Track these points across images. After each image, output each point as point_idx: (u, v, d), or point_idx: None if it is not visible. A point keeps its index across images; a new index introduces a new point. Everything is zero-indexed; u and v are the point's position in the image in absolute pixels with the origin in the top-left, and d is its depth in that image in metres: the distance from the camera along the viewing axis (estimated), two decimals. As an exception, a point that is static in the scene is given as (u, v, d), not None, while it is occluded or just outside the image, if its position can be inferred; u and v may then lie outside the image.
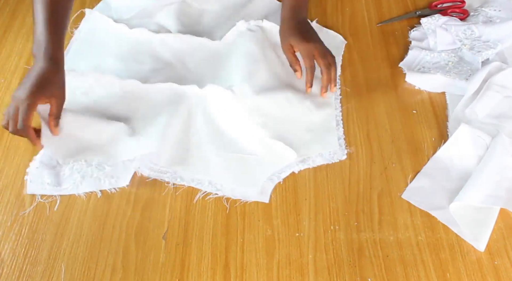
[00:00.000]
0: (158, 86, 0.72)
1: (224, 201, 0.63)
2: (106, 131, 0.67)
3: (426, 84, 0.75)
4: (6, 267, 0.57)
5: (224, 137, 0.68)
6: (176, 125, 0.68)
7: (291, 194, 0.63)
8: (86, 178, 0.63)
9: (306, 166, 0.65)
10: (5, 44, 0.81)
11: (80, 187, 0.63)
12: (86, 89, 0.71)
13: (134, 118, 0.70)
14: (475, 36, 0.77)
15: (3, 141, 0.68)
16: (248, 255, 0.58)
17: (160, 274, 0.56)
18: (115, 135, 0.67)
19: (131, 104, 0.71)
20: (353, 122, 0.71)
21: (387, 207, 0.62)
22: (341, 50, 0.80)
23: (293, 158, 0.65)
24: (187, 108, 0.71)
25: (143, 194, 0.63)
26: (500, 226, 0.60)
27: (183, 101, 0.71)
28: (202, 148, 0.67)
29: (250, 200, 0.62)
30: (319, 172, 0.65)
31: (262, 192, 0.63)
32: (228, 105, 0.69)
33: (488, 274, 0.56)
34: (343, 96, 0.74)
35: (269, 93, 0.71)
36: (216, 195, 0.63)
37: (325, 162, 0.66)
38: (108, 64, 0.77)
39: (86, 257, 0.58)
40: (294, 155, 0.65)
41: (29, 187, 0.63)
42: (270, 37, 0.79)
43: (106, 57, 0.79)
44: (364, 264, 0.57)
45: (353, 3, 0.88)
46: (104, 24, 0.83)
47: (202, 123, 0.70)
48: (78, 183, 0.63)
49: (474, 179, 0.61)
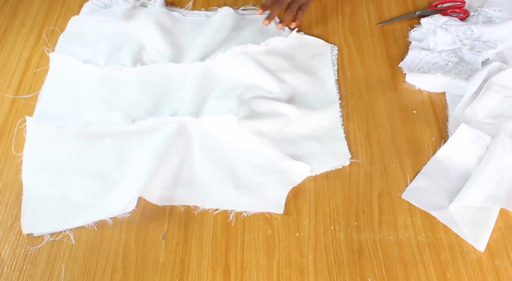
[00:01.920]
0: (148, 122, 0.68)
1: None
2: (93, 188, 0.63)
3: (426, 84, 0.75)
4: (6, 267, 0.57)
5: (231, 164, 0.65)
6: (173, 159, 0.64)
7: (291, 194, 0.63)
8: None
9: (308, 173, 0.64)
10: (5, 44, 0.81)
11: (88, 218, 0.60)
12: (69, 141, 0.67)
13: (127, 161, 0.65)
14: (475, 36, 0.77)
15: (3, 141, 0.68)
16: (248, 255, 0.58)
17: (160, 274, 0.56)
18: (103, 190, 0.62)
19: (123, 147, 0.67)
20: (353, 123, 0.71)
21: (387, 207, 0.62)
22: (327, 54, 0.79)
23: (307, 172, 0.63)
24: (183, 141, 0.66)
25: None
26: (500, 226, 0.60)
27: (177, 133, 0.66)
28: (209, 178, 0.64)
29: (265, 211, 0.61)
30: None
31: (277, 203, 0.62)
32: (230, 131, 0.66)
33: (488, 274, 0.56)
34: (343, 96, 0.74)
35: (271, 112, 0.69)
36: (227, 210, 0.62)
37: (328, 169, 0.65)
38: (86, 107, 0.71)
39: (86, 257, 0.58)
40: (308, 169, 0.63)
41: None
42: (259, 58, 0.76)
43: (82, 99, 0.72)
44: (364, 264, 0.57)
45: (353, 3, 0.88)
46: (73, 66, 0.75)
47: (204, 154, 0.66)
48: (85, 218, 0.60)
49: (474, 179, 0.61)
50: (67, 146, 0.67)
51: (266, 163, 0.65)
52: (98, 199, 0.62)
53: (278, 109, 0.70)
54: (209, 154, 0.66)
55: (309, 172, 0.64)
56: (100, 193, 0.62)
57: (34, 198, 0.62)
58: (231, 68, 0.75)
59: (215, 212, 0.61)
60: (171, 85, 0.74)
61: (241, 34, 0.83)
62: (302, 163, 0.64)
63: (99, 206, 0.61)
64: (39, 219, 0.60)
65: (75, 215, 0.60)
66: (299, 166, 0.64)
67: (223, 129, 0.67)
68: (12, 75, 0.76)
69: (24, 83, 0.75)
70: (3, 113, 0.71)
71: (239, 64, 0.75)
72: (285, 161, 0.65)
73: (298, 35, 0.81)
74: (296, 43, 0.81)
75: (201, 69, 0.75)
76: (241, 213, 0.61)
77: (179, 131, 0.67)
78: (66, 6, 0.87)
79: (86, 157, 0.66)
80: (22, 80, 0.75)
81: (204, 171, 0.65)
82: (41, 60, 0.78)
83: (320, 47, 0.81)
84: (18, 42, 0.81)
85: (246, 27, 0.84)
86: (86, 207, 0.61)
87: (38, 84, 0.75)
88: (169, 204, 0.62)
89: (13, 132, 0.69)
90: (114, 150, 0.66)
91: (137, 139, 0.67)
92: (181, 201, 0.62)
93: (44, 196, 0.62)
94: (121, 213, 0.60)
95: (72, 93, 0.73)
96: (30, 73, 0.76)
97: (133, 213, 0.61)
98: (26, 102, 0.72)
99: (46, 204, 0.61)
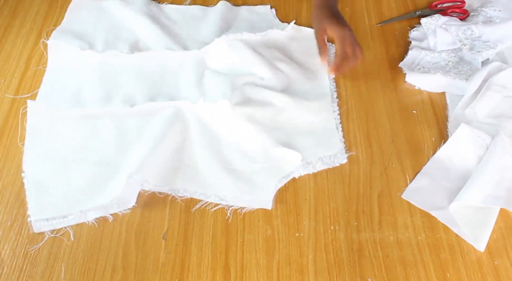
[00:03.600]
0: (147, 107, 0.70)
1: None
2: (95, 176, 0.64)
3: (426, 84, 0.75)
4: (6, 267, 0.57)
5: (224, 150, 0.67)
6: (171, 143, 0.66)
7: (291, 194, 0.63)
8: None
9: (307, 171, 0.65)
10: (5, 44, 0.81)
11: (88, 214, 0.60)
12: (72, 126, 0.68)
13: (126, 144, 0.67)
14: (475, 36, 0.77)
15: (3, 141, 0.68)
16: (248, 255, 0.58)
17: (160, 274, 0.56)
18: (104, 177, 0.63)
19: (122, 132, 0.68)
20: (353, 123, 0.71)
21: (387, 207, 0.62)
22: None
23: (298, 161, 0.64)
24: (180, 125, 0.68)
25: (143, 193, 0.63)
26: (500, 226, 0.60)
27: (175, 118, 0.68)
28: (202, 163, 0.65)
29: (254, 207, 0.62)
30: (319, 172, 0.65)
31: (265, 199, 0.62)
32: (224, 117, 0.67)
33: (488, 274, 0.56)
34: (343, 96, 0.74)
35: (264, 100, 0.70)
36: (219, 205, 0.62)
37: (326, 166, 0.65)
38: (86, 93, 0.73)
39: (86, 257, 0.58)
40: (299, 157, 0.64)
41: (35, 226, 0.60)
42: (255, 46, 0.77)
43: (82, 86, 0.73)
44: (364, 264, 0.57)
45: (353, 3, 0.88)
46: (70, 53, 0.77)
47: (199, 139, 0.67)
48: (85, 210, 0.61)
49: (474, 179, 0.61)
50: (68, 132, 0.68)
51: (258, 151, 0.66)
52: (101, 185, 0.63)
53: (271, 98, 0.71)
54: (204, 139, 0.67)
55: (300, 160, 0.64)
56: (103, 178, 0.63)
57: (38, 184, 0.63)
58: (225, 54, 0.76)
59: (213, 208, 0.62)
60: (168, 72, 0.76)
61: (237, 23, 0.84)
62: (294, 151, 0.64)
63: (101, 194, 0.62)
64: (44, 206, 0.61)
65: (80, 199, 0.61)
66: (291, 154, 0.64)
67: (217, 115, 0.68)
68: (12, 75, 0.76)
69: (24, 83, 0.75)
70: (3, 113, 0.71)
71: (233, 50, 0.76)
72: (276, 148, 0.65)
73: (295, 27, 0.82)
74: (293, 35, 0.82)
75: (198, 56, 0.77)
76: (238, 210, 0.61)
77: (176, 116, 0.68)
78: (66, 6, 0.87)
79: (87, 143, 0.67)
80: (22, 80, 0.75)
81: (198, 155, 0.66)
82: (41, 60, 0.78)
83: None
84: (18, 42, 0.81)
85: (243, 19, 0.85)
86: (91, 192, 0.62)
87: (38, 83, 0.74)
88: (163, 190, 0.63)
89: (13, 132, 0.69)
90: (114, 135, 0.68)
91: (136, 125, 0.69)
92: (173, 184, 0.63)
93: (48, 182, 0.63)
94: (121, 208, 0.61)
95: (70, 80, 0.75)
96: (30, 73, 0.76)
97: (133, 212, 0.61)
98: (26, 102, 0.72)
99: (51, 190, 0.62)
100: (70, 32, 0.81)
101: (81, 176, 0.64)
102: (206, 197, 0.63)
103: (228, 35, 0.77)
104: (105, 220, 0.61)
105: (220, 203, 0.62)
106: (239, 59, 0.75)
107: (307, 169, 0.65)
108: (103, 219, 0.61)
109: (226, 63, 0.76)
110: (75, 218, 0.60)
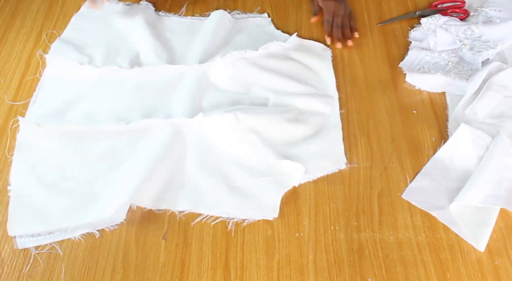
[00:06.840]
0: (142, 124, 0.67)
1: (224, 201, 0.63)
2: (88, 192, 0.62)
3: (426, 84, 0.75)
4: (6, 267, 0.57)
5: (224, 167, 0.65)
6: (169, 162, 0.64)
7: (291, 194, 0.63)
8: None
9: (307, 179, 0.64)
10: (5, 44, 0.81)
11: (75, 231, 0.59)
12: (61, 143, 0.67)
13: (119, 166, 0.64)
14: (475, 36, 0.77)
15: (3, 141, 0.68)
16: (248, 255, 0.58)
17: (160, 274, 0.56)
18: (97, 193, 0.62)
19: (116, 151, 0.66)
20: (353, 123, 0.71)
21: (387, 207, 0.62)
22: (328, 57, 0.79)
23: (302, 172, 0.63)
24: (177, 143, 0.66)
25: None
26: (500, 226, 0.60)
27: (172, 135, 0.66)
28: (203, 183, 0.63)
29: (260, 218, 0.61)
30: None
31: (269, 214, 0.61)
32: (226, 130, 0.66)
33: (488, 274, 0.56)
34: (343, 96, 0.74)
35: (265, 113, 0.69)
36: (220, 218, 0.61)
37: (323, 173, 0.65)
38: (79, 109, 0.71)
39: (86, 257, 0.58)
40: (302, 169, 0.62)
41: (19, 242, 0.58)
42: (258, 62, 0.76)
43: (75, 102, 0.72)
44: (364, 264, 0.57)
45: (353, 3, 0.88)
46: (68, 67, 0.75)
47: (198, 156, 0.65)
48: (72, 227, 0.59)
49: (474, 179, 0.61)
50: (59, 148, 0.66)
51: (261, 165, 0.65)
52: (84, 206, 0.61)
53: (275, 111, 0.70)
54: (203, 157, 0.66)
55: (304, 172, 0.63)
56: (90, 196, 0.61)
57: (21, 198, 0.61)
58: (229, 74, 0.75)
59: (214, 222, 0.61)
60: (167, 86, 0.74)
61: (238, 37, 0.83)
62: (297, 163, 0.63)
63: (86, 213, 0.60)
64: (23, 222, 0.59)
65: (66, 216, 0.60)
66: (294, 166, 0.63)
67: (218, 130, 0.67)
68: (12, 75, 0.76)
69: (24, 83, 0.75)
70: (2, 113, 0.71)
71: (237, 70, 0.75)
72: (279, 161, 0.64)
73: (297, 39, 0.81)
74: (295, 47, 0.80)
75: (198, 71, 0.75)
76: (240, 222, 0.60)
77: (173, 135, 0.66)
78: (66, 6, 0.87)
79: (78, 160, 0.65)
80: (22, 80, 0.75)
81: (198, 174, 0.64)
82: (41, 61, 0.78)
83: (320, 51, 0.80)
84: (18, 42, 0.81)
85: (242, 31, 0.84)
86: (77, 209, 0.60)
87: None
88: (161, 207, 0.62)
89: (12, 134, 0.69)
90: (107, 154, 0.66)
91: (130, 144, 0.66)
92: (173, 205, 0.62)
93: (31, 198, 0.61)
94: (108, 225, 0.60)
95: (67, 95, 0.73)
96: (30, 74, 0.76)
97: (133, 213, 0.61)
98: (26, 103, 0.72)
99: (32, 207, 0.60)
100: (70, 44, 0.79)
101: (68, 193, 0.62)
102: (207, 212, 0.61)
103: (232, 53, 0.76)
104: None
105: (221, 216, 0.61)
106: (242, 79, 0.75)
107: (307, 176, 0.64)
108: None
109: (229, 82, 0.75)
110: (61, 234, 0.59)
